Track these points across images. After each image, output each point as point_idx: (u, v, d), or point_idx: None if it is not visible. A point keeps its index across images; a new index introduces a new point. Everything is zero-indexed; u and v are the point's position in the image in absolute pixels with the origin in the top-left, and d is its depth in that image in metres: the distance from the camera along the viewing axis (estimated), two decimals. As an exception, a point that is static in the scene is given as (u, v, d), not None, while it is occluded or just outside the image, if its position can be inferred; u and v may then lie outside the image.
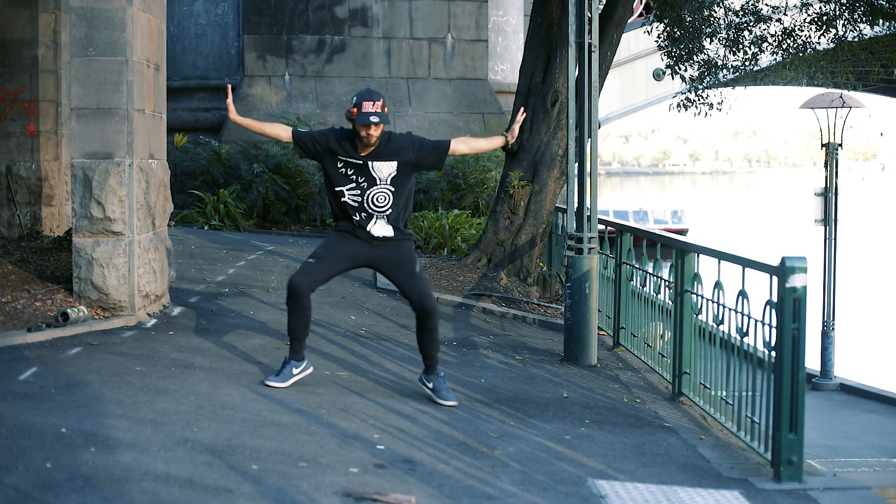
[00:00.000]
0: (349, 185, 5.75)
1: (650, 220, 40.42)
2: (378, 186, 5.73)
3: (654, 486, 4.64)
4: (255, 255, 11.13)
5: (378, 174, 5.72)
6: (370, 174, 5.72)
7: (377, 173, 5.72)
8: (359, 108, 5.57)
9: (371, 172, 5.72)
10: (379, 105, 5.59)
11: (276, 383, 5.75)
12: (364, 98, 5.60)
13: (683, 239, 6.75)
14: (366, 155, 5.71)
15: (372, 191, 5.73)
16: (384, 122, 5.59)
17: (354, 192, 5.75)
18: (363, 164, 5.72)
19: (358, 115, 5.57)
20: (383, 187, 5.74)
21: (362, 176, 5.73)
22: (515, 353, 7.77)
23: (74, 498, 3.62)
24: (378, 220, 5.75)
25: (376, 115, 5.56)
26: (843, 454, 10.04)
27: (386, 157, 5.72)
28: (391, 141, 5.76)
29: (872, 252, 39.50)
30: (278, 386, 5.74)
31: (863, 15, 11.61)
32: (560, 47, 10.38)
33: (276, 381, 5.77)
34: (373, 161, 5.71)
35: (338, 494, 4.02)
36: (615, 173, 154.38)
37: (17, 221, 10.18)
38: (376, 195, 5.73)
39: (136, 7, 7.09)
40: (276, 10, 17.39)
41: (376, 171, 5.72)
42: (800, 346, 4.82)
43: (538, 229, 10.79)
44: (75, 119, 7.04)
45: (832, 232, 15.52)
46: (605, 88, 15.72)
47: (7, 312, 6.75)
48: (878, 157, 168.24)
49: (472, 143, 6.29)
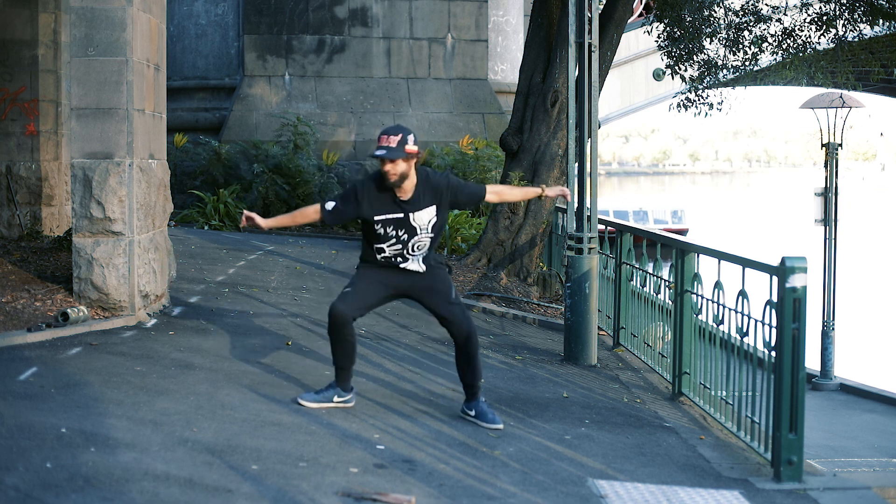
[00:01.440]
0: (390, 242, 5.38)
1: (650, 220, 40.38)
2: (419, 235, 5.38)
3: (654, 486, 4.64)
4: (255, 255, 11.13)
5: (419, 224, 5.36)
6: (411, 225, 5.35)
7: (417, 223, 5.36)
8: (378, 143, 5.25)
9: (412, 223, 5.34)
10: (394, 140, 5.18)
11: (309, 402, 5.40)
12: (382, 132, 5.26)
13: (683, 239, 6.75)
14: (405, 203, 5.32)
15: (413, 241, 5.38)
16: (395, 156, 5.15)
17: (395, 246, 5.39)
18: (404, 218, 5.33)
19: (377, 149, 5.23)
20: (424, 235, 5.40)
21: (403, 229, 5.35)
22: (515, 353, 7.77)
23: (74, 498, 3.62)
24: (413, 261, 5.45)
25: (384, 148, 5.17)
26: (843, 454, 10.03)
27: (424, 204, 5.35)
28: (429, 182, 5.37)
29: (872, 252, 39.50)
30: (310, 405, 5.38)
31: (863, 15, 11.61)
32: (560, 47, 10.39)
33: (310, 401, 5.41)
34: (412, 212, 5.33)
35: (338, 494, 4.02)
36: (615, 173, 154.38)
37: (17, 221, 10.18)
38: (417, 244, 5.40)
39: (136, 7, 7.09)
40: (276, 10, 17.39)
41: (417, 222, 5.35)
42: (800, 346, 4.82)
43: (538, 229, 10.80)
44: (75, 119, 7.04)
45: (832, 232, 15.51)
46: (605, 88, 15.73)
47: (7, 312, 6.75)
48: (878, 157, 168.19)
49: (506, 195, 6.02)
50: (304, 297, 8.87)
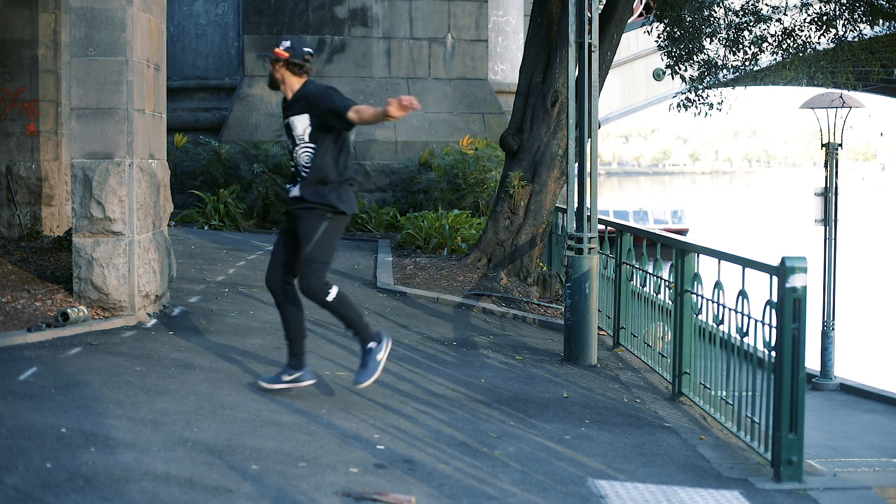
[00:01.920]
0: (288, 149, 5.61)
1: (650, 220, 40.40)
2: (299, 146, 5.40)
3: (654, 486, 4.64)
4: (255, 255, 11.13)
5: (297, 132, 5.39)
6: (291, 133, 5.42)
7: (296, 131, 5.39)
8: None
9: (291, 129, 5.42)
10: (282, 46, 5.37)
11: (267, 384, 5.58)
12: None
13: (683, 239, 6.75)
14: (285, 107, 5.47)
15: (297, 151, 5.42)
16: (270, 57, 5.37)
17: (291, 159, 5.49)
18: (287, 124, 5.44)
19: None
20: (304, 146, 5.39)
21: (289, 136, 5.46)
22: (515, 353, 7.77)
23: (74, 498, 3.62)
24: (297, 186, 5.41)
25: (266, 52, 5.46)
26: (843, 454, 10.03)
27: (297, 110, 5.39)
28: (306, 90, 5.41)
29: (872, 252, 39.50)
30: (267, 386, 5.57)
31: (863, 15, 11.61)
32: (560, 47, 10.39)
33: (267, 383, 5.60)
34: (290, 116, 5.42)
35: (338, 494, 4.02)
36: (615, 173, 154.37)
37: (17, 221, 10.18)
38: (301, 156, 5.41)
39: (136, 7, 7.09)
40: (276, 10, 17.39)
41: (296, 129, 5.39)
42: (800, 346, 4.82)
43: (538, 229, 10.80)
44: (75, 119, 7.04)
45: (832, 232, 15.52)
46: (605, 88, 15.73)
47: (7, 312, 6.76)
48: (878, 157, 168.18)
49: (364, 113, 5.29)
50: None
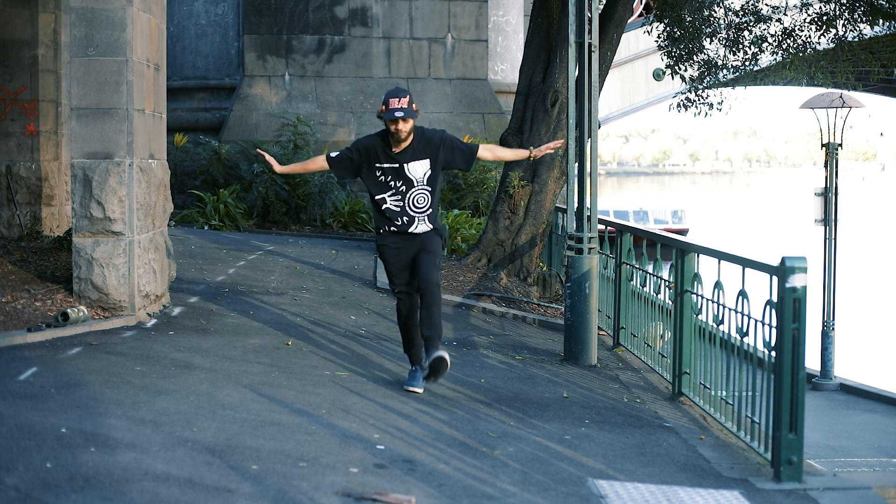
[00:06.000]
0: (390, 192, 6.02)
1: (650, 220, 40.41)
2: (416, 188, 6.01)
3: (654, 486, 4.64)
4: (255, 255, 11.13)
5: (414, 175, 5.99)
6: (407, 176, 5.98)
7: (413, 174, 5.98)
8: (386, 106, 5.89)
9: (407, 174, 5.98)
10: (405, 101, 5.88)
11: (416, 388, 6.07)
12: (390, 96, 5.90)
13: (683, 239, 6.75)
14: (399, 154, 5.96)
15: (411, 193, 6.00)
16: (410, 116, 5.85)
17: (395, 198, 6.02)
18: (399, 168, 5.98)
19: (385, 112, 5.88)
20: (421, 188, 6.02)
21: (400, 180, 5.99)
22: (515, 353, 7.77)
23: (74, 498, 3.62)
24: (419, 223, 6.04)
25: (401, 110, 5.83)
26: (843, 454, 10.03)
27: (418, 156, 5.98)
28: (424, 136, 6.01)
29: (872, 252, 39.49)
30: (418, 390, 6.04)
31: (863, 15, 11.60)
32: (560, 47, 10.39)
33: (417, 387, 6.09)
34: (407, 163, 5.97)
35: (338, 494, 4.02)
36: (615, 173, 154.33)
37: (17, 221, 10.18)
38: (415, 197, 6.01)
39: (136, 7, 7.09)
40: (276, 10, 17.39)
41: (412, 173, 5.98)
42: (800, 346, 4.82)
43: (538, 229, 10.80)
44: (75, 119, 7.04)
45: (832, 232, 15.52)
46: (605, 88, 15.73)
47: (7, 312, 6.75)
48: (878, 157, 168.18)
49: (499, 153, 6.66)
50: (304, 297, 8.87)
